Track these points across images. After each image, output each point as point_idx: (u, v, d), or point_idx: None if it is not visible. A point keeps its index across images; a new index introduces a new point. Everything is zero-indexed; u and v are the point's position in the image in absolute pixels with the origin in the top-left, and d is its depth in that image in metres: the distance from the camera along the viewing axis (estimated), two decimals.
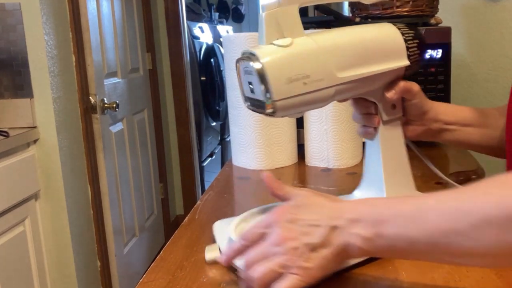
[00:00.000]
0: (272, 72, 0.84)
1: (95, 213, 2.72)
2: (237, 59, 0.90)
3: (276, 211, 0.76)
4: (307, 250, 0.71)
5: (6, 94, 2.31)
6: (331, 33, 0.94)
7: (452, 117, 1.11)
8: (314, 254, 0.71)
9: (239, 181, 1.50)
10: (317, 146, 1.54)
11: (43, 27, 2.27)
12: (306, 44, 0.89)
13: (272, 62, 0.84)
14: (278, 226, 0.74)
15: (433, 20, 1.76)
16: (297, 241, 0.71)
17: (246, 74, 0.88)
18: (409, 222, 0.67)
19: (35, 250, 2.30)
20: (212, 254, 0.92)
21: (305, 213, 0.74)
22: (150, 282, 0.86)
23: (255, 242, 0.76)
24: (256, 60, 0.84)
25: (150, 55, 3.82)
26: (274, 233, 0.73)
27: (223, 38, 1.62)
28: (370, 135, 1.02)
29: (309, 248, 0.71)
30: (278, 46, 0.87)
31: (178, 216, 4.35)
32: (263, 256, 0.73)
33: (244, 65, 0.87)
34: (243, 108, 1.54)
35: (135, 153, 3.41)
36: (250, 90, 0.88)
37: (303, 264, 0.71)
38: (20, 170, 2.19)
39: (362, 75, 0.92)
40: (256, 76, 0.84)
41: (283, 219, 0.74)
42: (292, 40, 0.88)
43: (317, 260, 0.71)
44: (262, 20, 0.88)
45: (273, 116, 0.88)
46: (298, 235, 0.72)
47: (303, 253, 0.71)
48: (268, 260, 0.72)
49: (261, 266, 0.72)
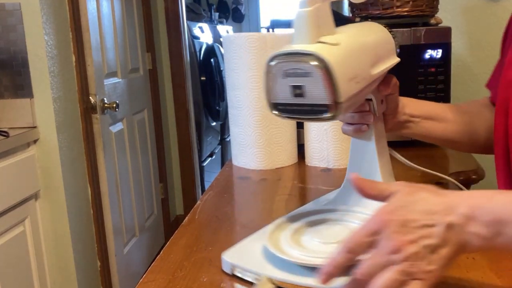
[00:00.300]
0: (338, 71, 0.77)
1: (95, 213, 2.72)
2: (271, 60, 0.81)
3: (380, 215, 0.69)
4: (427, 252, 0.67)
5: (6, 94, 2.31)
6: (351, 31, 0.91)
7: (416, 110, 1.15)
8: (434, 255, 0.67)
9: (239, 181, 1.50)
10: (317, 146, 1.54)
11: (43, 27, 2.27)
12: (349, 42, 0.85)
13: (337, 61, 0.78)
14: (391, 231, 0.67)
15: (433, 20, 1.76)
16: (416, 245, 0.66)
17: (288, 77, 0.80)
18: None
19: (35, 250, 2.30)
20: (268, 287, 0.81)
21: (414, 212, 0.69)
22: (150, 282, 0.86)
23: (363, 252, 0.69)
24: (316, 59, 0.77)
25: (150, 55, 3.82)
26: (389, 239, 0.67)
27: (223, 38, 1.62)
28: (363, 132, 1.01)
29: (429, 250, 0.67)
30: (330, 44, 0.81)
31: (178, 216, 4.35)
32: (382, 266, 0.67)
33: (289, 66, 0.79)
34: (243, 108, 1.54)
35: (135, 153, 3.41)
36: (294, 94, 0.81)
37: (427, 267, 0.66)
38: (20, 170, 2.19)
39: (383, 71, 0.92)
40: (317, 77, 0.77)
41: (393, 223, 0.68)
42: (339, 37, 0.83)
43: (439, 261, 0.67)
44: (305, 17, 0.80)
45: (329, 120, 0.83)
46: (416, 238, 0.67)
47: (424, 256, 0.66)
48: (388, 270, 0.66)
49: (381, 278, 0.66)
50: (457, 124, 1.20)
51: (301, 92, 0.79)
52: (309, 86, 0.78)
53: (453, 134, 1.20)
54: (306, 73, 0.78)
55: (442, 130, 1.19)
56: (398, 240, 0.66)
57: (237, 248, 0.91)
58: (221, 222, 1.13)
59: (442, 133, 1.19)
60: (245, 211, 1.25)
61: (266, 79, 0.82)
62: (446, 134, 1.19)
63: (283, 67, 0.80)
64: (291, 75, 0.79)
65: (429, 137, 1.19)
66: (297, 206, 1.15)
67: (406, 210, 0.69)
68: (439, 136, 1.19)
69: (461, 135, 1.20)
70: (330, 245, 0.85)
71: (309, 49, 0.77)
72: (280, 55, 0.80)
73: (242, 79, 1.52)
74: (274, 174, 1.51)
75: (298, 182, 1.42)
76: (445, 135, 1.19)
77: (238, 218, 1.18)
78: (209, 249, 0.99)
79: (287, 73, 0.79)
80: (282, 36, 1.52)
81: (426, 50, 1.65)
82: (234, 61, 1.53)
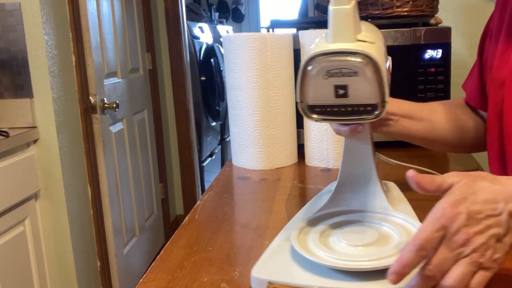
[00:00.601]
0: (383, 69, 0.77)
1: (95, 213, 2.72)
2: (311, 61, 0.79)
3: (445, 208, 0.69)
4: (494, 241, 0.68)
5: (6, 94, 2.31)
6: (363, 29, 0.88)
7: (394, 109, 1.16)
8: (499, 244, 0.69)
9: (239, 181, 1.50)
10: (316, 146, 1.54)
11: (43, 27, 2.27)
12: (377, 40, 0.84)
13: (381, 60, 0.78)
14: (460, 224, 0.68)
15: (433, 20, 1.76)
16: (484, 235, 0.68)
17: (331, 77, 0.78)
18: None
19: (35, 250, 2.30)
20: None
21: (477, 203, 0.69)
22: (150, 282, 0.86)
23: (434, 248, 0.69)
24: (365, 57, 0.76)
25: (150, 55, 3.82)
26: (458, 232, 0.68)
27: (223, 38, 1.62)
28: (359, 132, 1.00)
29: (495, 239, 0.69)
30: (369, 43, 0.80)
31: (178, 216, 4.35)
32: (453, 260, 0.68)
33: (334, 66, 0.78)
34: (243, 108, 1.54)
35: (135, 153, 3.41)
36: (336, 95, 0.79)
37: (494, 256, 0.68)
38: (20, 170, 2.19)
39: (389, 69, 0.92)
40: (366, 76, 0.77)
41: (460, 217, 0.68)
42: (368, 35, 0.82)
43: (504, 248, 0.69)
44: (346, 14, 0.79)
45: (371, 121, 0.81)
46: (482, 228, 0.68)
47: (491, 245, 0.68)
48: (459, 264, 0.68)
49: (454, 272, 0.68)
50: (436, 124, 1.22)
51: (344, 93, 0.78)
52: (355, 86, 0.78)
53: (430, 133, 1.22)
54: (352, 72, 0.77)
55: (419, 129, 1.20)
56: (467, 233, 0.67)
57: (263, 261, 0.85)
58: (221, 222, 1.14)
59: (419, 132, 1.20)
60: (245, 211, 1.25)
61: (303, 80, 0.80)
62: (423, 133, 1.21)
63: (327, 67, 0.78)
64: (335, 75, 0.78)
65: (407, 136, 1.21)
66: (297, 206, 1.15)
67: (468, 202, 0.69)
68: (417, 135, 1.21)
69: (435, 134, 1.23)
70: (359, 248, 0.83)
71: (355, 48, 0.77)
72: (322, 55, 0.78)
73: (242, 79, 1.52)
74: (274, 174, 1.51)
75: (298, 182, 1.42)
76: (422, 134, 1.21)
77: (238, 218, 1.18)
78: (209, 249, 0.99)
79: (330, 73, 0.78)
80: (282, 36, 1.52)
81: (426, 50, 1.65)
82: (234, 61, 1.53)
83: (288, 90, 1.55)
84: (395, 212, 0.93)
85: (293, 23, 1.91)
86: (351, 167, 1.00)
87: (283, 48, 1.52)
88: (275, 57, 1.51)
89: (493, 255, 0.68)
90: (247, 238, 1.05)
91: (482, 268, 0.68)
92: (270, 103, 1.53)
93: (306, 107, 0.83)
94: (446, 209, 0.69)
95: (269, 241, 0.94)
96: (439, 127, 1.23)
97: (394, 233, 0.86)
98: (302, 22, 1.88)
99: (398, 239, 0.84)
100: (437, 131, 1.23)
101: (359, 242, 0.84)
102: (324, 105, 0.81)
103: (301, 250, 0.81)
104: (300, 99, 0.83)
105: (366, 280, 0.76)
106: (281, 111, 1.54)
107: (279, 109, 1.54)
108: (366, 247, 0.83)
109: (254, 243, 1.02)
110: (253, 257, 0.93)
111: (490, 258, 0.68)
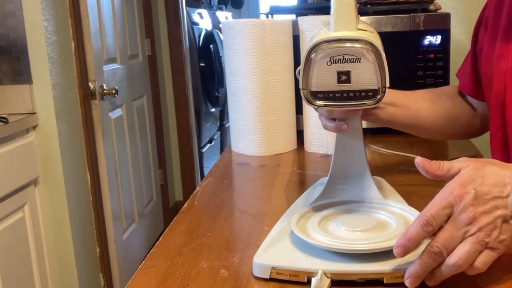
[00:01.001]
0: (384, 57, 0.81)
1: (94, 199, 2.73)
2: (315, 48, 0.83)
3: (454, 188, 0.71)
4: (500, 222, 0.70)
5: (5, 80, 2.31)
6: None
7: None
8: (506, 225, 0.70)
9: (238, 167, 1.50)
10: (316, 132, 1.54)
11: (42, 13, 2.26)
12: (374, 31, 0.88)
13: (382, 49, 0.81)
14: (466, 203, 0.70)
15: (432, 6, 1.76)
16: (490, 215, 0.70)
17: (334, 63, 0.82)
18: None
19: (34, 236, 2.31)
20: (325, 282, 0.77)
21: (484, 185, 0.71)
22: (149, 268, 0.87)
23: (439, 225, 0.71)
24: (367, 44, 0.80)
25: (149, 41, 3.81)
26: (465, 211, 0.70)
27: (222, 24, 1.61)
28: (343, 129, 0.99)
29: (501, 220, 0.70)
30: (369, 32, 0.83)
31: (177, 202, 4.36)
32: (459, 238, 0.70)
33: (338, 52, 0.81)
34: (242, 94, 1.54)
35: (134, 139, 3.41)
36: (339, 81, 0.83)
37: (500, 237, 0.70)
38: (19, 156, 2.19)
39: None
40: (368, 62, 0.81)
41: (467, 196, 0.70)
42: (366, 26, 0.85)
43: (511, 230, 0.71)
44: (348, 4, 0.82)
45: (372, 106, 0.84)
46: (489, 209, 0.70)
47: (497, 226, 0.70)
48: (465, 242, 0.70)
49: (460, 250, 0.70)
50: (417, 111, 1.23)
51: (347, 78, 0.82)
52: (357, 72, 0.81)
53: (414, 119, 1.23)
54: (355, 58, 0.80)
55: (405, 115, 1.21)
56: (474, 211, 0.69)
57: (265, 248, 0.85)
58: (220, 208, 1.14)
59: (405, 119, 1.22)
60: (244, 197, 1.25)
61: (306, 67, 0.83)
62: (409, 120, 1.22)
63: (331, 54, 0.81)
64: (338, 62, 0.81)
65: (393, 123, 1.22)
66: (297, 192, 1.15)
67: (476, 184, 0.71)
68: (403, 122, 1.22)
69: (421, 121, 1.24)
70: (358, 233, 0.84)
71: (358, 35, 0.80)
72: (325, 42, 0.81)
73: (241, 65, 1.52)
74: (273, 160, 1.51)
75: (297, 168, 1.42)
76: (408, 121, 1.22)
77: (237, 204, 1.18)
78: (208, 235, 0.99)
79: (333, 59, 0.81)
80: (281, 22, 1.52)
81: (425, 36, 1.65)
82: (233, 47, 1.53)
83: (287, 76, 1.55)
84: (392, 202, 0.94)
85: (292, 9, 1.90)
86: (343, 160, 1.01)
87: (282, 34, 1.52)
88: (274, 43, 1.51)
89: (500, 236, 0.70)
90: (246, 224, 1.05)
91: (488, 248, 0.70)
92: (269, 89, 1.53)
93: (309, 93, 0.85)
94: (454, 188, 0.71)
95: (269, 227, 0.94)
96: (424, 114, 1.24)
97: (392, 221, 0.87)
98: (302, 8, 1.87)
99: (396, 225, 0.85)
100: (423, 119, 1.24)
101: (358, 228, 0.84)
102: (327, 91, 0.84)
103: (302, 235, 0.82)
104: (303, 85, 0.85)
105: (367, 262, 0.77)
106: (280, 97, 1.54)
107: (278, 95, 1.54)
108: (365, 232, 0.84)
109: (253, 229, 1.02)
110: (253, 243, 0.94)
111: (497, 239, 0.70)
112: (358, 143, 0.99)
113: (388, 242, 0.78)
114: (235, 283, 0.80)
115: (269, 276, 0.80)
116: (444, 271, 0.71)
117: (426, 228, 0.70)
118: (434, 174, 0.77)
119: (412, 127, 1.26)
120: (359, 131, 0.98)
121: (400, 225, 0.85)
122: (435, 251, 0.70)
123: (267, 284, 0.79)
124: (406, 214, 0.89)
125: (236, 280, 0.81)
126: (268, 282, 0.80)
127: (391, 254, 0.74)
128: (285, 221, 0.94)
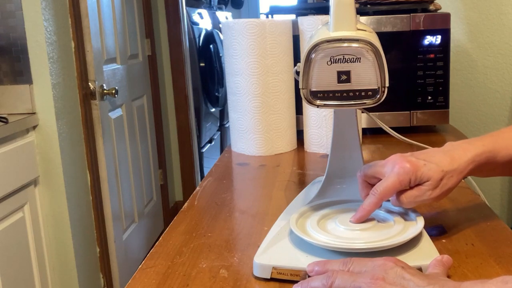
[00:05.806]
0: (384, 57, 0.81)
1: (94, 199, 2.73)
2: (315, 47, 0.83)
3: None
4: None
5: (5, 80, 2.31)
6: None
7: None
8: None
9: (238, 167, 1.50)
10: (316, 132, 1.54)
11: (42, 13, 2.26)
12: (373, 31, 0.88)
13: (381, 49, 0.82)
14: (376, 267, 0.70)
15: (432, 6, 1.76)
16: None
17: (335, 63, 0.83)
18: None
19: (34, 236, 2.30)
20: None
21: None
22: (149, 268, 0.87)
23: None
24: (367, 44, 0.81)
25: (149, 41, 3.81)
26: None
27: (222, 24, 1.61)
28: None
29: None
30: (368, 32, 0.84)
31: (177, 202, 4.36)
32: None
33: (338, 52, 0.82)
34: (242, 94, 1.54)
35: (134, 139, 3.41)
36: (339, 80, 0.83)
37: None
38: (19, 156, 2.19)
39: None
40: (368, 62, 0.81)
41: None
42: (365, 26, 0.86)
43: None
44: (348, 4, 0.83)
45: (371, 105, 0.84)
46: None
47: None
48: None
49: None
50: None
51: (347, 78, 0.82)
52: (357, 71, 0.81)
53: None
54: (355, 58, 0.81)
55: None
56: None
57: (264, 248, 0.85)
58: (220, 208, 1.14)
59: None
60: (244, 197, 1.25)
61: (306, 67, 0.84)
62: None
63: (331, 53, 0.82)
64: (338, 61, 0.82)
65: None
66: (297, 192, 1.15)
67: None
68: None
69: None
70: (357, 232, 0.84)
71: (358, 35, 0.80)
72: (326, 42, 0.82)
73: (241, 65, 1.52)
74: (273, 160, 1.51)
75: (297, 168, 1.42)
76: None
77: (237, 204, 1.18)
78: (208, 235, 0.99)
79: (334, 59, 0.82)
80: (281, 22, 1.52)
81: (425, 37, 1.65)
82: (233, 47, 1.53)
83: (287, 76, 1.55)
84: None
85: (292, 9, 1.90)
86: (340, 160, 1.01)
87: (282, 34, 1.52)
88: (274, 43, 1.51)
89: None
90: (246, 224, 1.05)
91: None
92: (269, 89, 1.53)
93: (309, 93, 0.86)
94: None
95: (268, 227, 0.94)
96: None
97: (390, 220, 0.87)
98: (301, 8, 1.88)
99: (395, 224, 0.85)
100: None
101: (356, 227, 0.85)
102: (327, 90, 0.84)
103: (302, 235, 0.82)
104: (303, 85, 0.85)
105: None
106: (280, 97, 1.54)
107: (278, 95, 1.54)
108: (364, 231, 0.84)
109: (253, 229, 1.02)
110: (253, 243, 0.94)
111: None
112: (355, 142, 0.99)
113: (387, 241, 0.78)
114: (235, 283, 0.80)
115: (270, 276, 0.80)
116: None
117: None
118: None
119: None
120: (356, 130, 0.98)
121: (399, 224, 0.85)
122: None
123: (267, 284, 0.79)
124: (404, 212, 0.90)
125: (236, 280, 0.81)
126: (268, 282, 0.80)
127: (390, 253, 0.74)
128: (283, 221, 0.94)
